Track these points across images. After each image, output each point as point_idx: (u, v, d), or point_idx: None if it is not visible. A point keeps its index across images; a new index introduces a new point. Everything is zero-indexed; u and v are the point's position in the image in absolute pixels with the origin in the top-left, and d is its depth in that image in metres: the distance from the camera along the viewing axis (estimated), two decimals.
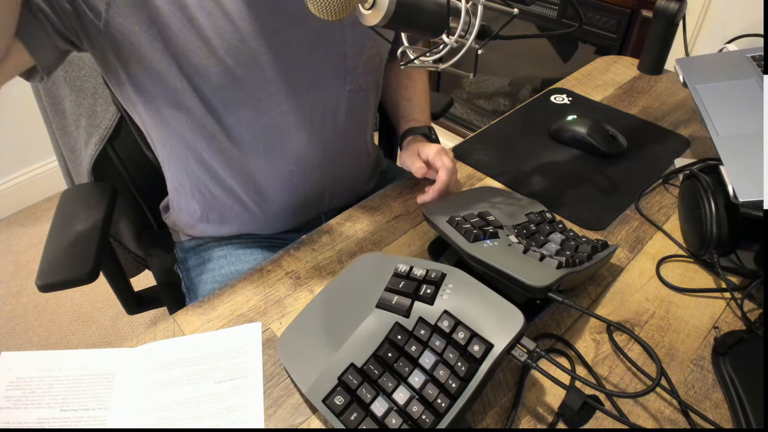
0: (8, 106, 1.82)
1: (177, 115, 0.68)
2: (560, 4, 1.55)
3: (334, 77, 0.73)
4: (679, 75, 0.83)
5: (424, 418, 0.46)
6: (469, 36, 0.50)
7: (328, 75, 0.72)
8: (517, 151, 0.89)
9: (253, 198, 0.79)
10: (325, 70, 0.72)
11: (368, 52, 0.74)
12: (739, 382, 0.54)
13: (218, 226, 0.83)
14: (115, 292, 0.91)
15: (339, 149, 0.79)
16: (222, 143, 0.71)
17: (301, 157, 0.76)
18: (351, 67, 0.73)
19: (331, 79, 0.73)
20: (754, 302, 0.63)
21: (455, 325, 0.50)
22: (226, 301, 0.64)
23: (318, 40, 0.69)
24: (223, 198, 0.79)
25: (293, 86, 0.70)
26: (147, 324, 1.59)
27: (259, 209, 0.80)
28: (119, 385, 0.55)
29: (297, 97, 0.71)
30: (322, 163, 0.78)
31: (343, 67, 0.73)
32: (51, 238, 0.78)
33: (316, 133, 0.75)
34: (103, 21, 0.59)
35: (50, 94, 0.86)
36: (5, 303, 1.65)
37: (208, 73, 0.64)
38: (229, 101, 0.67)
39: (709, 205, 0.64)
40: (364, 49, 0.73)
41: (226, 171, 0.75)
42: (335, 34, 0.70)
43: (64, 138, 0.90)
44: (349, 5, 0.45)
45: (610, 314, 0.63)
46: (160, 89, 0.65)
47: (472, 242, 0.59)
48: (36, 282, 0.72)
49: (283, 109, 0.70)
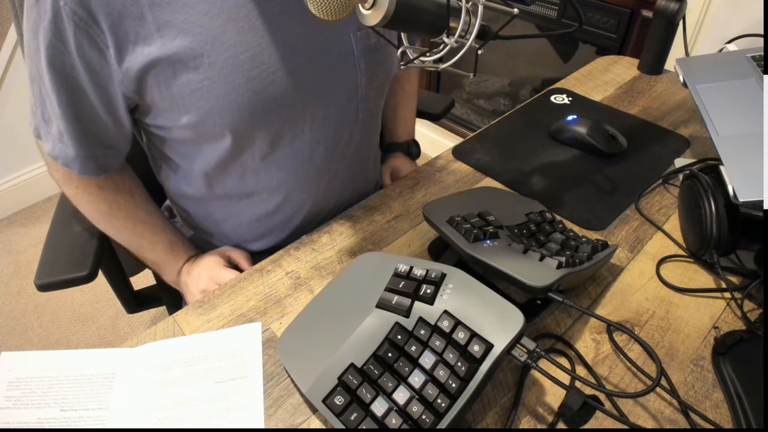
0: (8, 106, 1.82)
1: (192, 154, 0.71)
2: (560, 4, 1.55)
3: (347, 106, 0.73)
4: (679, 75, 0.83)
5: (424, 418, 0.46)
6: (469, 36, 0.50)
7: (343, 105, 0.72)
8: (517, 151, 0.89)
9: (245, 229, 0.82)
10: (341, 103, 0.72)
11: (380, 77, 0.74)
12: (739, 382, 0.54)
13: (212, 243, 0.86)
14: (115, 291, 0.91)
15: (344, 175, 0.80)
16: (231, 181, 0.74)
17: (311, 186, 0.77)
18: (363, 96, 0.73)
19: (344, 109, 0.73)
20: (754, 302, 0.63)
21: (455, 325, 0.50)
22: (226, 301, 0.64)
23: (333, 78, 0.69)
24: (215, 234, 0.84)
25: (312, 123, 0.70)
26: (147, 324, 1.59)
27: (251, 237, 0.83)
28: (119, 385, 0.55)
29: (312, 132, 0.71)
30: (327, 190, 0.79)
31: (356, 97, 0.72)
32: (50, 237, 0.79)
33: (329, 163, 0.76)
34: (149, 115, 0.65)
35: None
36: (5, 303, 1.65)
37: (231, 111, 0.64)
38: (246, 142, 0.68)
39: (709, 205, 0.64)
40: (377, 74, 0.73)
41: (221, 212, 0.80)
42: (350, 65, 0.69)
43: None
44: (349, 5, 0.45)
45: (610, 314, 0.63)
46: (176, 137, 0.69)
47: (472, 242, 0.59)
48: (35, 281, 0.72)
49: (301, 144, 0.71)
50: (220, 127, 0.64)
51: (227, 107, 0.62)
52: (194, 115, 0.62)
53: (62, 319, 1.61)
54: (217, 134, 0.65)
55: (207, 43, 0.58)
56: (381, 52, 0.71)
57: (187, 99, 0.61)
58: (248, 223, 0.80)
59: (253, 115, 0.64)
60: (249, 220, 0.79)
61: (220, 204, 0.78)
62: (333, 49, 0.66)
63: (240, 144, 0.67)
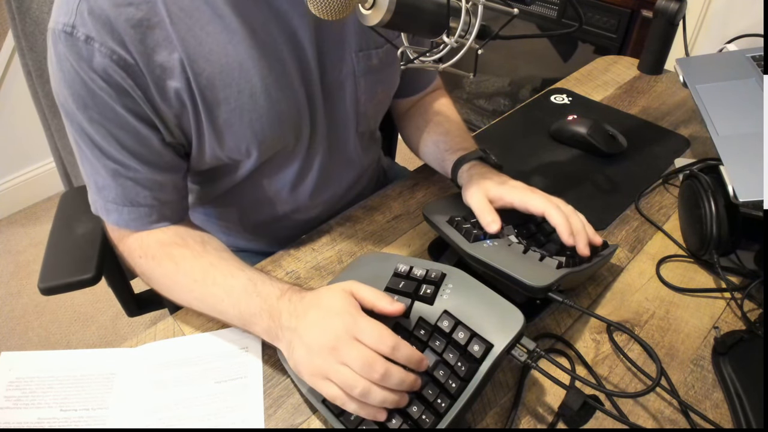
0: (8, 106, 1.82)
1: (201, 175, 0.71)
2: (560, 4, 1.55)
3: (345, 123, 0.73)
4: (679, 75, 0.83)
5: (424, 418, 0.46)
6: (469, 36, 0.50)
7: (341, 122, 0.72)
8: (517, 151, 0.89)
9: (247, 236, 0.82)
10: (340, 120, 0.72)
11: (378, 96, 0.74)
12: (739, 382, 0.54)
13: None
14: (116, 294, 0.91)
15: (342, 183, 0.80)
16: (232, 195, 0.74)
17: (309, 199, 0.76)
18: (362, 111, 0.73)
19: (343, 126, 0.73)
20: (754, 302, 0.63)
21: (455, 325, 0.50)
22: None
23: (335, 96, 0.69)
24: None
25: (312, 142, 0.70)
26: (147, 324, 1.59)
27: (254, 243, 0.83)
28: (119, 385, 0.55)
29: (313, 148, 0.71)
30: (326, 200, 0.79)
31: (354, 113, 0.72)
32: (52, 240, 0.78)
33: (326, 175, 0.75)
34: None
35: (49, 96, 0.86)
36: (5, 303, 1.65)
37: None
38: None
39: (709, 205, 0.64)
40: (376, 94, 0.73)
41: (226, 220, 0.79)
42: (349, 85, 0.69)
43: (63, 140, 0.90)
44: (349, 5, 0.45)
45: (610, 314, 0.63)
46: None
47: (472, 242, 0.59)
48: (38, 285, 0.71)
49: (300, 162, 0.71)
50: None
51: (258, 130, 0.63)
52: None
53: (62, 319, 1.61)
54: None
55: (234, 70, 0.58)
56: (381, 73, 0.71)
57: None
58: (247, 226, 0.80)
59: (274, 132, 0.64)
60: (246, 223, 0.80)
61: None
62: (338, 67, 0.67)
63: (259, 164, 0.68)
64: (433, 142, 0.78)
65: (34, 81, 0.83)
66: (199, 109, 0.59)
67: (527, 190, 0.63)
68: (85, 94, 0.54)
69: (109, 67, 0.53)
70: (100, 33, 0.51)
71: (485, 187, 0.64)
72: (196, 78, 0.56)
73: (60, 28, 0.52)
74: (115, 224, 0.63)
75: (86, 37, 0.51)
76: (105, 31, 0.51)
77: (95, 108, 0.55)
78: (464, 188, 0.67)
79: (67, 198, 0.86)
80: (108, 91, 0.54)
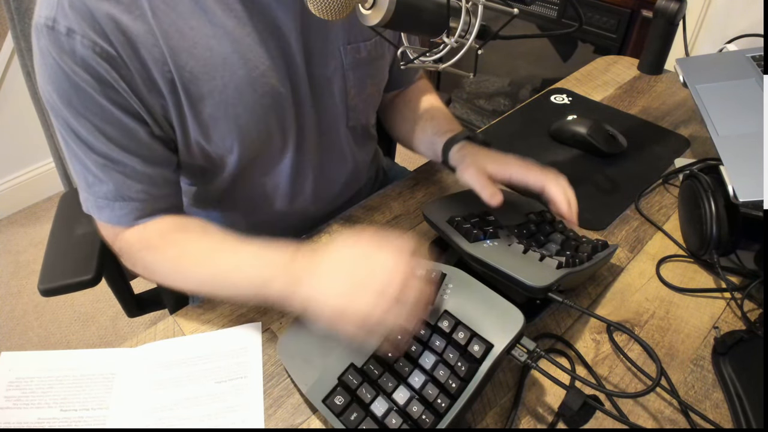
0: (8, 107, 1.82)
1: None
2: (560, 4, 1.55)
3: (334, 118, 0.73)
4: (679, 75, 0.83)
5: (424, 418, 0.46)
6: (469, 36, 0.50)
7: (331, 116, 0.72)
8: (517, 151, 0.88)
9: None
10: (329, 114, 0.71)
11: (368, 90, 0.74)
12: (739, 382, 0.54)
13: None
14: (116, 295, 0.91)
15: (338, 180, 0.80)
16: (227, 193, 0.73)
17: (306, 196, 0.76)
18: (352, 105, 0.73)
19: (332, 120, 0.72)
20: (754, 302, 0.63)
21: (455, 325, 0.50)
22: (226, 301, 0.64)
23: (323, 90, 0.68)
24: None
25: (301, 137, 0.70)
26: (147, 324, 1.59)
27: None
28: (119, 385, 0.55)
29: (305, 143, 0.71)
30: (322, 197, 0.79)
31: (344, 106, 0.72)
32: (52, 241, 0.78)
33: (319, 171, 0.75)
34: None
35: None
36: (5, 303, 1.65)
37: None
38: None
39: (709, 205, 0.64)
40: (365, 87, 0.73)
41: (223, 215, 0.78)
42: (337, 79, 0.69)
43: None
44: (349, 5, 0.45)
45: (610, 314, 0.63)
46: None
47: (472, 242, 0.59)
48: (38, 286, 0.71)
49: (293, 158, 0.71)
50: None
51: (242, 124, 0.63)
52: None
53: (62, 319, 1.61)
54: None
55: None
56: (370, 66, 0.71)
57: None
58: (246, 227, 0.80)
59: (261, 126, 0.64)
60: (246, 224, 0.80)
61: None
62: (324, 61, 0.67)
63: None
64: (421, 128, 0.80)
65: (33, 81, 0.83)
66: (182, 102, 0.58)
67: (524, 164, 0.65)
68: (69, 88, 0.54)
69: (91, 59, 0.52)
70: (81, 25, 0.51)
71: (481, 163, 0.65)
72: (179, 72, 0.56)
73: (42, 22, 0.51)
74: (108, 221, 0.62)
75: (68, 30, 0.51)
76: (86, 24, 0.51)
77: (80, 102, 0.54)
78: (459, 168, 0.68)
79: (66, 198, 0.86)
80: (92, 83, 0.53)
